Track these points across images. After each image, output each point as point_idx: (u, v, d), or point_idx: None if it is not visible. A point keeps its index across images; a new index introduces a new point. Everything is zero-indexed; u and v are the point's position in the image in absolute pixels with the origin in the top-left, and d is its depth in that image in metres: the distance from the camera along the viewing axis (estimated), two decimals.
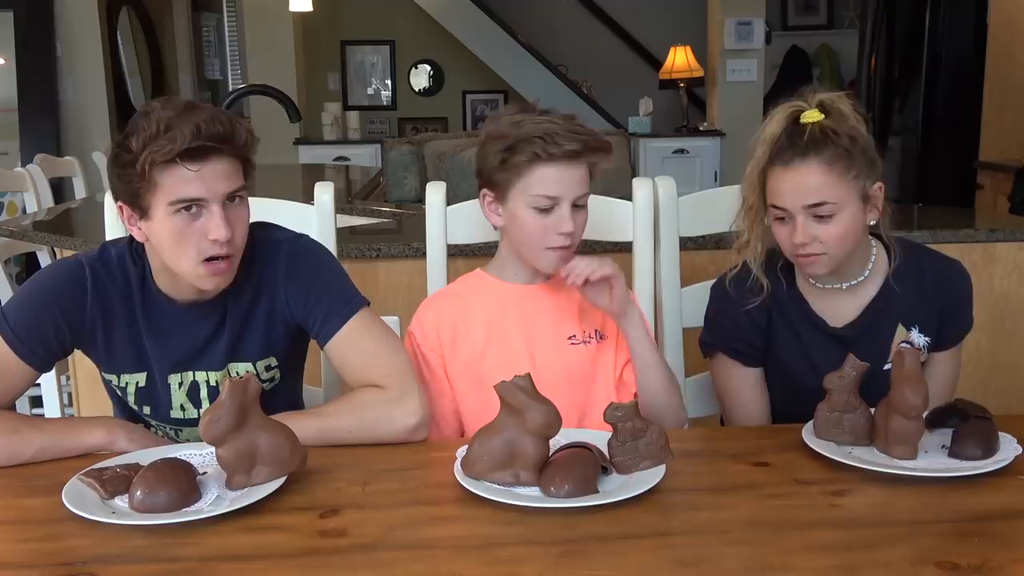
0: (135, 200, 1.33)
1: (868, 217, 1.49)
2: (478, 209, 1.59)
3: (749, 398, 1.61)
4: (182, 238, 1.32)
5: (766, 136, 1.48)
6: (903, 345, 1.53)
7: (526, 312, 1.57)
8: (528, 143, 1.46)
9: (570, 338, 1.57)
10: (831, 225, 1.45)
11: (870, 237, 1.57)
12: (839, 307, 1.58)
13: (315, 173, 4.80)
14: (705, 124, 6.53)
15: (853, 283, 1.56)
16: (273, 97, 3.10)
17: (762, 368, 1.62)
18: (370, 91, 7.92)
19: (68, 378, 2.53)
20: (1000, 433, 1.28)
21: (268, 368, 1.50)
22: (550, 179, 1.47)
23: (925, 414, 1.30)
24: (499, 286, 1.60)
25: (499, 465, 1.21)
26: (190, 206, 1.31)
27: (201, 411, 1.47)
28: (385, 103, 7.93)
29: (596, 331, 1.59)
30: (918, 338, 1.56)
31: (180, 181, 1.30)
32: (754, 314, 1.58)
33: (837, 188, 1.44)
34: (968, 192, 4.75)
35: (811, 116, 1.45)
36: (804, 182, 1.43)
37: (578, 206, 1.51)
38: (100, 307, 1.41)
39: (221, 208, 1.33)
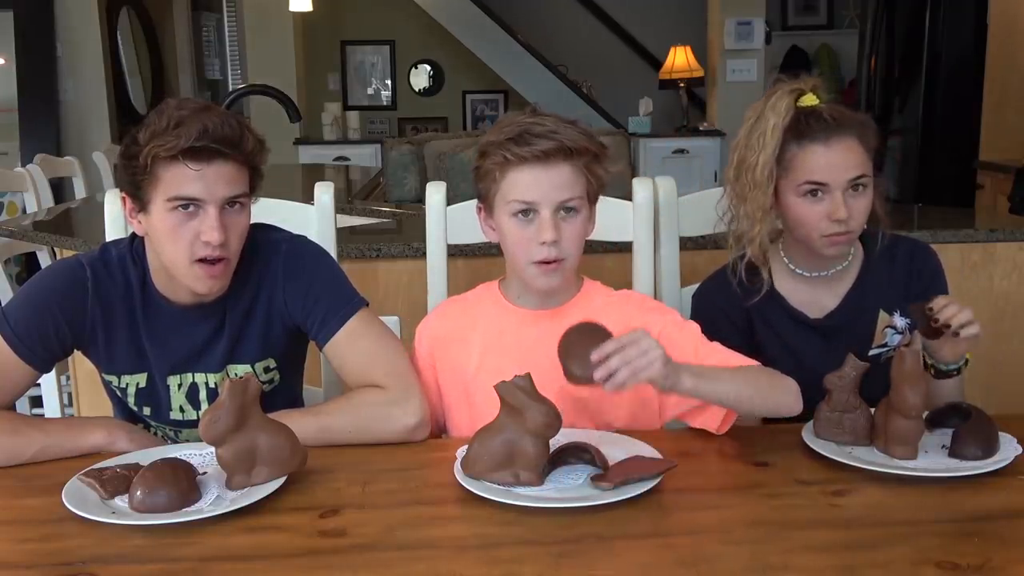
0: (136, 192, 1.34)
1: None
2: None
3: None
4: (176, 235, 1.33)
5: (777, 123, 1.47)
6: (887, 330, 1.55)
7: (525, 340, 1.45)
8: (499, 146, 1.36)
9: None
10: (863, 199, 1.48)
11: None
12: (817, 298, 1.59)
13: (315, 173, 4.80)
14: (705, 124, 6.53)
15: (838, 269, 1.57)
16: (273, 97, 3.10)
17: None
18: (370, 91, 7.92)
19: (68, 378, 2.53)
20: (1000, 433, 1.28)
21: (267, 369, 1.50)
22: (523, 183, 1.36)
23: (926, 414, 1.30)
24: (503, 306, 1.50)
25: (499, 465, 1.21)
26: (187, 205, 1.32)
27: (200, 412, 1.47)
28: (385, 103, 7.93)
29: None
30: (900, 321, 1.57)
31: (181, 178, 1.30)
32: (735, 318, 1.59)
33: (868, 162, 1.47)
34: (968, 192, 4.75)
35: (811, 99, 1.48)
36: (845, 156, 1.46)
37: (565, 214, 1.37)
38: (101, 308, 1.41)
39: (218, 211, 1.33)
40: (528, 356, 1.38)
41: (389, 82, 7.90)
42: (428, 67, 7.87)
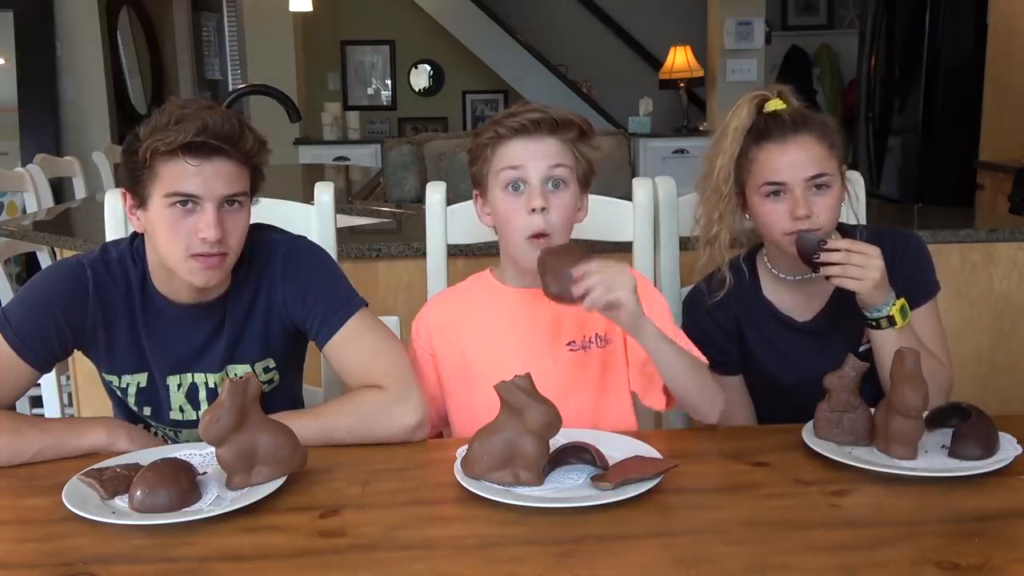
0: (135, 187, 1.35)
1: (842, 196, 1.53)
2: None
3: (733, 405, 1.61)
4: (173, 231, 1.33)
5: (738, 126, 1.51)
6: None
7: (522, 318, 1.51)
8: (492, 124, 1.45)
9: (568, 344, 1.50)
10: (826, 197, 1.48)
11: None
12: (804, 301, 1.59)
13: (315, 173, 4.80)
14: (705, 124, 6.53)
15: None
16: (273, 97, 3.10)
17: (741, 375, 1.64)
18: (370, 91, 7.92)
19: (68, 378, 2.53)
20: (1000, 433, 1.28)
21: (267, 370, 1.50)
22: (512, 152, 1.43)
23: (926, 414, 1.30)
24: (499, 289, 1.55)
25: (499, 465, 1.21)
26: (185, 201, 1.32)
27: (200, 413, 1.47)
28: (385, 103, 7.93)
29: (597, 336, 1.51)
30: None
31: (179, 174, 1.31)
32: (724, 324, 1.61)
33: (830, 160, 1.48)
34: (968, 192, 4.75)
35: (776, 104, 1.51)
36: (802, 155, 1.47)
37: (554, 187, 1.43)
38: (101, 308, 1.41)
39: (216, 209, 1.33)
40: (527, 332, 1.48)
41: (389, 82, 7.90)
42: (428, 67, 7.87)
